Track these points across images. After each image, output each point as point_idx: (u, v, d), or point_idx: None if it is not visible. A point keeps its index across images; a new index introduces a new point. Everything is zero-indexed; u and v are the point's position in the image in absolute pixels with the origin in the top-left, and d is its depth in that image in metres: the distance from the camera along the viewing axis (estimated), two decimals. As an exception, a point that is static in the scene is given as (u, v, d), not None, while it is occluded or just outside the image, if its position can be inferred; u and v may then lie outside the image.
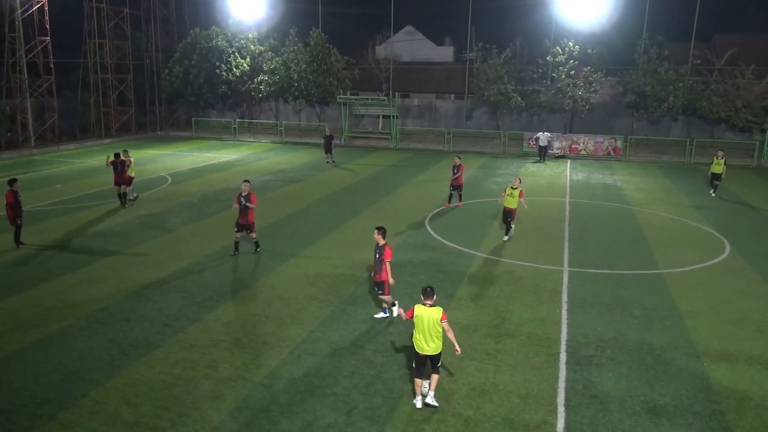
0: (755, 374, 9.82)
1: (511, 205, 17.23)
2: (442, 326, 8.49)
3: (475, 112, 46.26)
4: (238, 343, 10.63)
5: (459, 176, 21.60)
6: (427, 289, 8.68)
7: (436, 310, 8.50)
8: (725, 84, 37.85)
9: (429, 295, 8.61)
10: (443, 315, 8.47)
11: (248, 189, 15.33)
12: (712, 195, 24.57)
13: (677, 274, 14.78)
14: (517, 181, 17.66)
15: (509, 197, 17.23)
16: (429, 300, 8.58)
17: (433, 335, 8.54)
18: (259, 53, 45.40)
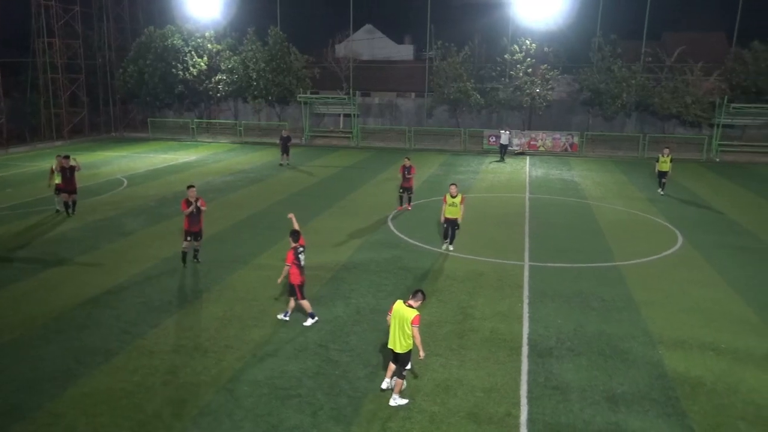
0: (707, 360, 10.18)
1: (454, 214, 15.77)
2: (412, 329, 8.52)
3: (436, 110, 46.54)
4: (199, 348, 10.44)
5: (410, 178, 20.75)
6: (417, 292, 8.81)
7: (411, 311, 8.55)
8: (675, 81, 39.08)
9: (414, 295, 8.74)
10: (415, 319, 8.50)
11: (195, 194, 14.43)
12: (661, 194, 24.39)
13: (633, 265, 15.19)
14: (454, 187, 15.91)
15: (451, 207, 15.74)
16: (412, 300, 8.68)
17: (402, 334, 8.62)
18: (216, 52, 44.69)
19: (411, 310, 8.59)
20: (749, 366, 9.99)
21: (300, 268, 11.24)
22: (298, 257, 11.20)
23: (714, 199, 23.65)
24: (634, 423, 8.35)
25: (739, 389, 9.26)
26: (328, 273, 14.33)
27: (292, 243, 11.31)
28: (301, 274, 11.27)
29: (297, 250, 11.22)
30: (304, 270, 11.42)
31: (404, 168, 20.71)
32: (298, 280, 11.22)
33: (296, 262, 11.15)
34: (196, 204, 14.27)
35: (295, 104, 44.66)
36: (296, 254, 11.18)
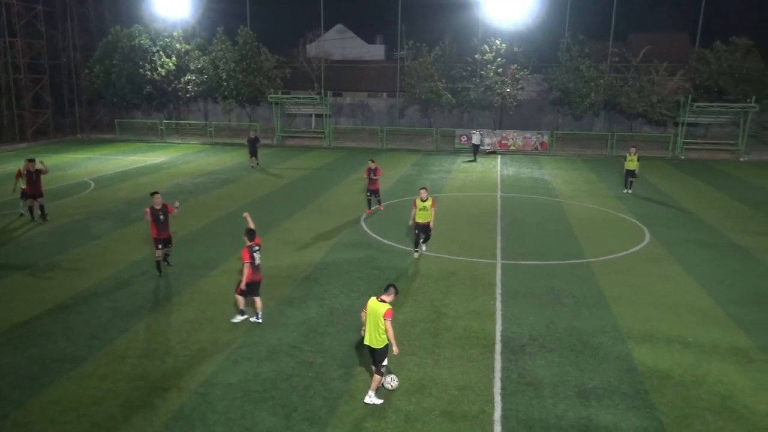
0: (674, 353, 10.42)
1: (425, 218, 15.29)
2: (384, 323, 8.60)
3: (408, 110, 46.68)
4: (170, 352, 10.29)
5: (376, 180, 20.36)
6: (389, 287, 8.98)
7: (383, 306, 8.68)
8: (641, 80, 39.90)
9: (386, 290, 8.91)
10: (387, 312, 8.62)
11: (161, 201, 13.92)
12: (629, 192, 24.52)
13: (603, 262, 15.46)
14: (424, 192, 15.39)
15: (421, 211, 15.22)
16: (384, 295, 8.84)
17: (377, 330, 8.71)
18: (185, 52, 44.06)
19: (383, 304, 8.72)
20: (714, 358, 10.26)
21: (254, 266, 11.26)
22: (253, 255, 11.23)
23: (679, 196, 24.21)
24: (605, 417, 8.50)
25: (705, 381, 9.50)
26: (301, 274, 14.26)
27: (247, 242, 11.31)
28: (254, 272, 11.29)
29: (252, 248, 11.25)
30: (260, 269, 11.47)
31: (369, 170, 20.37)
32: (249, 278, 11.23)
33: (251, 261, 11.18)
34: (161, 212, 13.77)
35: (266, 104, 44.32)
36: (251, 253, 11.21)
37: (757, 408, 8.74)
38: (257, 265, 11.38)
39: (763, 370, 9.85)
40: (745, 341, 10.90)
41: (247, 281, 11.23)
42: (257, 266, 11.39)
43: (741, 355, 10.38)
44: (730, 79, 38.16)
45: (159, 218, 13.80)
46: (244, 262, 11.16)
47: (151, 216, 13.74)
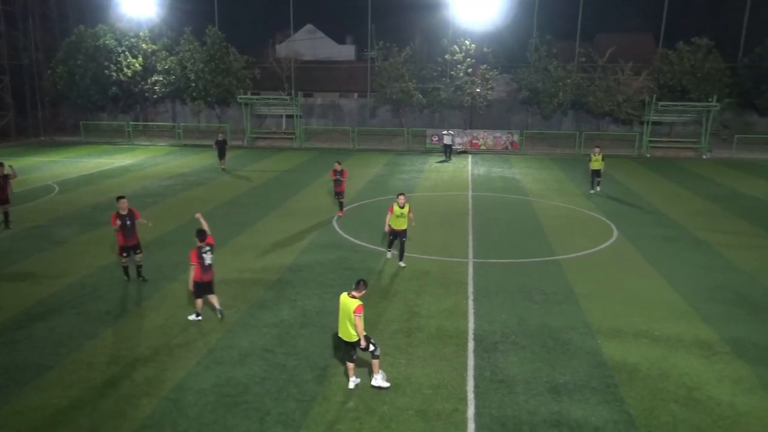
0: (642, 347, 10.64)
1: (401, 225, 14.61)
2: (354, 318, 8.80)
3: (379, 110, 46.74)
4: (140, 358, 10.11)
5: (343, 182, 19.95)
6: (359, 282, 9.13)
7: (354, 302, 8.85)
8: (607, 80, 40.65)
9: (357, 286, 9.08)
10: (357, 308, 8.80)
11: (127, 206, 13.40)
12: (597, 191, 24.51)
13: (572, 259, 15.70)
14: (402, 198, 14.71)
15: (398, 218, 14.54)
16: (355, 291, 9.00)
17: (350, 324, 8.93)
18: (152, 52, 43.34)
19: (354, 300, 8.90)
20: (680, 351, 10.50)
21: (203, 266, 11.25)
22: (201, 256, 11.22)
23: (645, 193, 24.73)
24: (576, 411, 8.63)
25: (671, 373, 9.72)
26: (273, 276, 14.15)
27: (197, 242, 11.30)
28: (203, 272, 11.28)
29: (201, 249, 11.25)
30: (210, 269, 11.41)
31: (335, 172, 19.98)
32: (197, 277, 11.23)
33: (200, 261, 11.18)
34: (128, 218, 13.28)
35: (235, 105, 43.88)
36: (200, 254, 11.21)
37: (721, 398, 8.98)
38: (207, 265, 11.32)
39: (725, 362, 10.13)
40: (708, 334, 11.19)
41: (196, 281, 11.24)
42: (207, 266, 11.33)
43: (705, 347, 10.65)
44: (692, 79, 39.15)
45: (126, 224, 13.25)
46: (191, 263, 11.15)
47: (118, 223, 13.20)
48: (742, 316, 12.05)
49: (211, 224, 19.02)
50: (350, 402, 8.82)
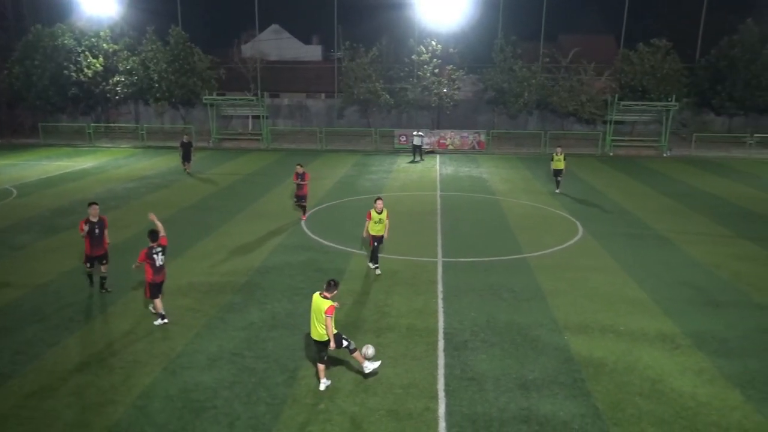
0: (608, 342, 10.86)
1: (380, 231, 14.21)
2: (325, 319, 8.82)
3: (346, 111, 46.67)
4: (105, 365, 9.87)
5: (304, 185, 19.37)
6: (330, 282, 9.12)
7: (325, 302, 8.86)
8: (571, 80, 41.42)
9: (328, 287, 9.07)
10: (328, 309, 8.81)
11: (98, 213, 12.86)
12: (556, 191, 24.63)
13: (539, 257, 15.93)
14: (380, 203, 14.27)
15: (377, 224, 14.10)
16: (326, 291, 9.00)
17: (319, 324, 8.94)
18: (113, 52, 42.41)
19: (325, 301, 8.91)
20: (644, 345, 10.76)
21: (155, 267, 11.21)
22: (152, 257, 11.17)
23: (609, 191, 25.26)
24: (544, 406, 8.76)
25: (636, 367, 9.95)
26: (242, 279, 13.99)
27: (149, 243, 11.25)
28: (155, 273, 11.25)
29: (152, 249, 11.21)
30: (162, 270, 11.38)
31: (297, 175, 19.36)
32: (150, 278, 11.22)
33: (149, 261, 11.14)
34: (97, 225, 12.69)
35: (200, 106, 43.23)
36: (150, 254, 11.17)
37: (683, 390, 9.23)
38: (159, 266, 11.28)
39: (687, 354, 10.41)
40: (671, 328, 11.48)
41: (149, 281, 11.24)
42: (159, 267, 11.29)
43: (668, 341, 10.93)
44: (652, 79, 40.16)
45: (94, 232, 12.64)
46: (139, 262, 11.22)
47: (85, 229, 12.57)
48: (702, 310, 12.41)
49: (177, 227, 18.83)
50: (321, 404, 8.78)
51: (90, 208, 12.80)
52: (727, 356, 10.35)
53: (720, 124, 45.86)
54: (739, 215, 20.92)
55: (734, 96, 41.19)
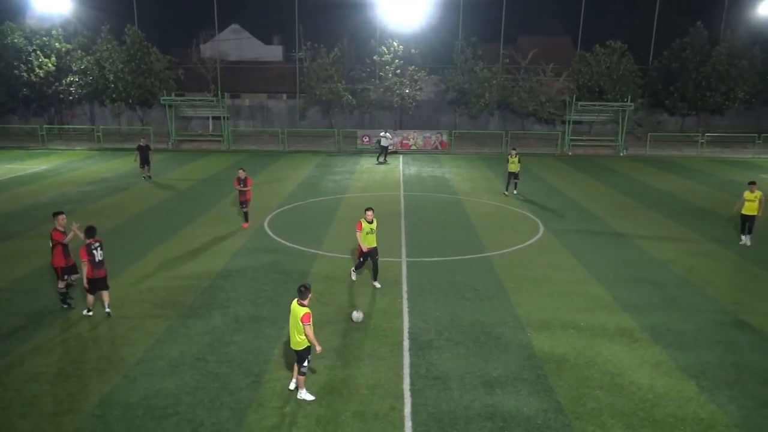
0: (569, 338, 11.08)
1: (372, 243, 13.30)
2: (303, 327, 8.63)
3: (309, 111, 46.43)
4: (61, 374, 9.56)
5: (247, 191, 18.48)
6: (301, 288, 8.84)
7: (301, 309, 8.69)
8: (530, 81, 42.17)
9: (299, 293, 8.80)
10: (304, 317, 8.61)
11: (65, 222, 12.11)
12: (514, 193, 24.27)
13: (501, 255, 16.15)
14: (371, 213, 13.23)
15: (369, 235, 13.20)
16: (300, 298, 8.78)
17: (296, 331, 8.76)
18: (66, 52, 41.19)
19: (301, 308, 8.72)
20: (604, 340, 11.02)
21: (94, 263, 11.46)
22: (92, 252, 11.46)
23: (568, 189, 25.79)
24: (508, 403, 8.88)
25: (596, 361, 10.18)
26: (204, 282, 13.75)
27: (86, 240, 11.52)
28: (94, 268, 11.48)
29: (91, 246, 11.49)
30: (102, 265, 11.60)
31: (239, 180, 18.45)
32: (90, 275, 11.45)
33: (89, 257, 11.41)
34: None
35: (159, 107, 42.39)
36: (89, 250, 11.45)
37: (641, 383, 9.49)
38: (98, 262, 11.51)
39: (645, 348, 10.71)
40: (629, 322, 11.79)
41: (89, 277, 11.43)
42: (99, 263, 11.51)
43: (626, 335, 11.22)
44: (608, 80, 41.22)
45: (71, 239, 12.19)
46: (82, 260, 11.34)
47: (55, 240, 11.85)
48: (658, 304, 12.78)
49: (136, 231, 18.45)
50: (286, 407, 8.70)
51: (57, 218, 12.06)
52: (683, 349, 10.69)
53: (673, 124, 47.37)
54: (692, 212, 21.63)
55: (686, 96, 42.63)
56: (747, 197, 16.93)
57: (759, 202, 16.83)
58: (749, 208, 16.93)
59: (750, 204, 16.90)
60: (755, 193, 16.87)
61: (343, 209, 21.52)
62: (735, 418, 8.56)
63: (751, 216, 17.00)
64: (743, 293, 13.56)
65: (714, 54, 41.88)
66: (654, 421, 8.47)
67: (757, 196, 16.83)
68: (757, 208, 16.87)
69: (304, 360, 8.84)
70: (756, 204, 16.84)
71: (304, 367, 8.87)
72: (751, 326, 11.73)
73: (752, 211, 16.92)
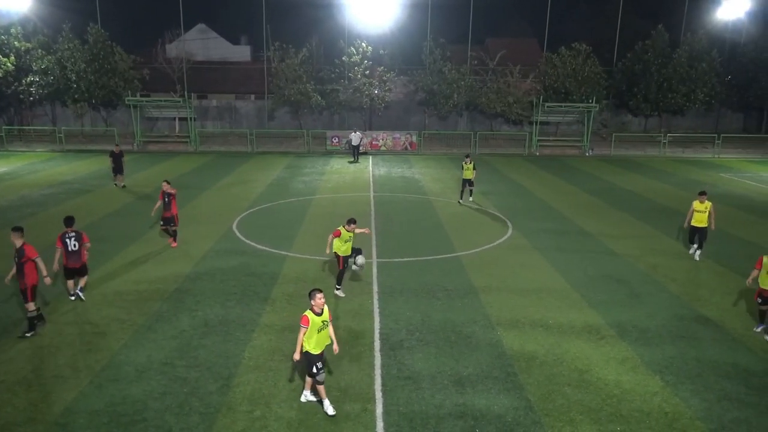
0: (538, 336, 11.23)
1: (348, 251, 13.04)
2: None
3: (277, 112, 46.10)
4: (23, 382, 9.28)
5: (172, 205, 16.51)
6: (310, 293, 8.68)
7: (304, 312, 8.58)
8: (498, 82, 42.65)
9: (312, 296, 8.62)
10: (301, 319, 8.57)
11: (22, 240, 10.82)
12: (470, 200, 23.08)
13: (471, 255, 16.28)
14: (353, 225, 12.98)
15: (346, 243, 12.94)
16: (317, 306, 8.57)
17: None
18: (26, 51, 40.06)
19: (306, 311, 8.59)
20: (572, 337, 11.20)
21: (68, 252, 12.15)
22: (65, 241, 12.16)
23: (536, 189, 26.15)
24: (479, 402, 8.95)
25: (565, 359, 10.33)
26: (171, 286, 13.52)
27: (64, 227, 12.27)
28: (68, 258, 12.22)
29: (66, 234, 12.16)
30: (74, 255, 12.17)
31: (164, 194, 16.47)
32: (64, 263, 12.18)
33: (63, 246, 12.12)
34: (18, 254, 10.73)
35: (123, 108, 41.57)
36: (63, 238, 12.14)
37: (608, 379, 9.67)
38: (71, 251, 12.05)
39: (611, 344, 10.92)
40: (596, 319, 12.01)
41: (65, 265, 12.16)
42: (71, 252, 12.05)
43: (593, 332, 11.43)
44: (574, 82, 41.98)
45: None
46: (57, 247, 12.07)
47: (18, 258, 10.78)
48: (623, 301, 13.06)
49: (101, 234, 18.04)
50: (257, 411, 8.61)
51: (12, 234, 10.86)
52: (647, 344, 10.93)
53: (637, 125, 48.50)
54: (655, 211, 22.15)
55: (649, 98, 43.69)
56: (696, 208, 15.67)
57: (709, 214, 15.63)
58: (699, 219, 15.67)
59: (699, 215, 15.65)
60: (705, 203, 15.57)
61: (312, 210, 21.42)
62: (698, 411, 8.80)
63: (701, 228, 15.74)
64: (704, 289, 13.95)
65: (675, 56, 43.02)
66: (621, 416, 8.65)
67: (707, 207, 15.58)
68: (707, 220, 15.65)
69: (311, 367, 8.56)
70: (706, 216, 15.61)
71: (314, 374, 8.58)
72: (712, 321, 12.07)
73: (702, 222, 15.67)
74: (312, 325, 8.47)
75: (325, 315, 8.62)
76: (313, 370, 8.55)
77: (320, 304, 8.55)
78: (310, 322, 8.46)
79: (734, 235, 18.67)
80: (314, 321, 8.50)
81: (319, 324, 8.54)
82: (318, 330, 8.54)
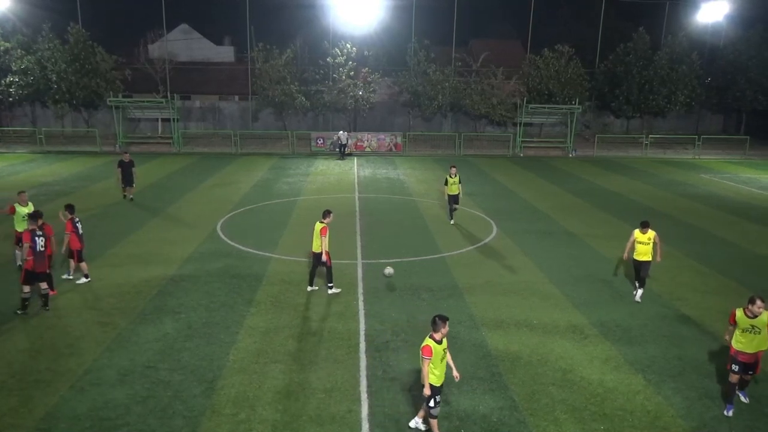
0: (522, 336, 11.29)
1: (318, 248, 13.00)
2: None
3: (261, 113, 45.88)
4: (2, 387, 9.13)
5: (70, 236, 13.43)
6: (434, 318, 7.93)
7: (425, 340, 7.82)
8: (482, 84, 42.83)
9: (434, 325, 7.89)
10: (423, 348, 7.78)
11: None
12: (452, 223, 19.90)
13: (456, 256, 16.33)
14: (329, 215, 13.21)
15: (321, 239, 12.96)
16: (433, 331, 7.88)
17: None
18: (5, 50, 39.45)
19: (427, 339, 7.85)
20: (556, 337, 11.28)
21: (78, 235, 13.31)
22: (76, 226, 13.25)
23: (521, 190, 26.31)
24: (464, 402, 8.98)
25: (549, 358, 10.40)
26: (154, 288, 13.39)
27: (69, 215, 13.37)
28: (80, 241, 13.39)
29: (74, 220, 13.29)
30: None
31: (71, 221, 13.61)
32: (77, 246, 13.34)
33: (74, 230, 13.17)
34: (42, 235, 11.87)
35: (105, 109, 41.09)
36: (74, 224, 13.25)
37: (592, 378, 9.76)
38: (38, 252, 11.76)
39: (595, 344, 11.02)
40: (580, 319, 12.11)
41: (76, 249, 13.31)
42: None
43: (577, 332, 11.52)
44: (557, 83, 42.30)
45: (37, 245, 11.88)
46: (66, 233, 13.12)
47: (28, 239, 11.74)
48: (606, 301, 13.18)
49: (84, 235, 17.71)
50: (241, 413, 8.56)
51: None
52: (630, 344, 11.04)
53: (619, 126, 49.00)
54: (638, 211, 22.38)
55: (630, 99, 44.17)
56: (638, 238, 13.20)
57: (654, 245, 13.22)
58: (641, 251, 13.15)
59: (642, 247, 13.14)
60: (647, 233, 13.13)
61: (297, 212, 21.35)
62: (679, 409, 8.90)
63: (644, 262, 13.19)
64: (685, 289, 14.13)
65: (656, 59, 43.54)
66: (604, 415, 8.72)
67: (651, 237, 13.14)
68: (650, 252, 13.18)
69: (430, 400, 7.86)
70: (649, 247, 13.15)
71: (431, 407, 7.92)
72: (693, 320, 12.23)
73: (645, 256, 13.14)
74: (435, 354, 7.73)
75: (444, 343, 7.94)
76: (431, 403, 7.87)
77: (445, 333, 7.89)
78: (433, 352, 7.71)
79: (715, 235, 18.94)
80: (437, 350, 7.76)
81: (441, 353, 7.85)
82: (441, 359, 7.88)
